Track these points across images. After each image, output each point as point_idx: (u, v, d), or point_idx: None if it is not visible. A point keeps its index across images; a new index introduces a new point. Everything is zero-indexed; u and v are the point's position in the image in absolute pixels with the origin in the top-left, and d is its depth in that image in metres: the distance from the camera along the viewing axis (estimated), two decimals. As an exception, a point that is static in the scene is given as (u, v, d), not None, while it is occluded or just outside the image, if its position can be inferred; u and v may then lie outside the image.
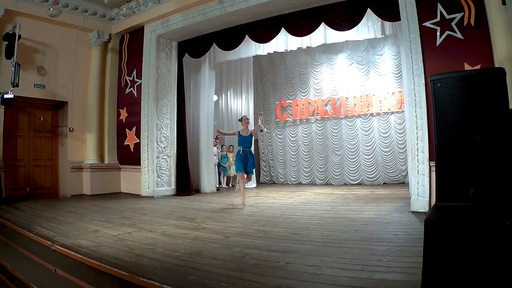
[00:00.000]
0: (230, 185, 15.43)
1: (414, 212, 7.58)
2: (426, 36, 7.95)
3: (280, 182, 16.42)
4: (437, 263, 3.00)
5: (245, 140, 9.99)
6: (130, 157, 13.10)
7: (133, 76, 13.12)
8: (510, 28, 5.55)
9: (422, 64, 7.92)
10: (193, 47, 12.83)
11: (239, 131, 10.16)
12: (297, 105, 15.90)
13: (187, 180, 12.74)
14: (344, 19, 9.85)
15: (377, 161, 14.27)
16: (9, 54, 10.23)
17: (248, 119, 10.43)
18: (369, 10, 9.41)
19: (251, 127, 15.37)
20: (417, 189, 7.84)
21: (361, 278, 3.80)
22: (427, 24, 7.92)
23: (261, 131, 10.42)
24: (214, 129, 14.22)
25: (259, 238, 5.89)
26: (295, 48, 12.73)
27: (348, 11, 9.71)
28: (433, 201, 6.20)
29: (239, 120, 10.66)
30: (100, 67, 13.32)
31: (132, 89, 13.16)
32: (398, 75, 13.49)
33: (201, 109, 13.66)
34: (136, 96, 12.98)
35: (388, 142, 14.13)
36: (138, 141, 12.73)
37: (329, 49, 14.93)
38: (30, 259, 6.05)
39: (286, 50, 12.81)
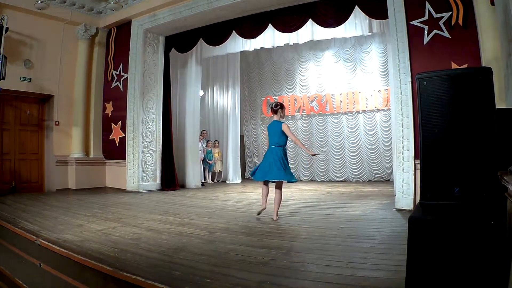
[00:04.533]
0: (215, 180, 15.45)
1: (398, 210, 7.65)
2: (414, 35, 7.99)
3: (266, 178, 16.27)
4: (421, 261, 3.02)
5: None
6: (115, 151, 13.03)
7: (120, 70, 13.03)
8: (499, 28, 5.58)
9: (409, 62, 7.96)
10: (180, 42, 12.76)
11: None
12: (283, 101, 15.74)
13: (172, 175, 12.70)
14: (332, 16, 9.84)
15: (363, 158, 14.32)
16: (-5, 47, 10.09)
17: None
18: (356, 8, 9.41)
19: (236, 121, 15.51)
20: (402, 186, 7.90)
21: (345, 275, 3.82)
22: (415, 22, 7.96)
23: None
24: (201, 124, 14.24)
25: (243, 234, 5.93)
26: (282, 45, 12.68)
27: (336, 8, 9.70)
28: (418, 199, 6.25)
29: None
30: (86, 61, 13.21)
31: (118, 83, 13.07)
32: (385, 73, 13.53)
33: (187, 104, 13.61)
34: (122, 90, 12.89)
35: (374, 140, 14.17)
36: (124, 135, 12.65)
37: (316, 46, 14.89)
38: (15, 253, 6.02)
39: (273, 46, 12.74)
